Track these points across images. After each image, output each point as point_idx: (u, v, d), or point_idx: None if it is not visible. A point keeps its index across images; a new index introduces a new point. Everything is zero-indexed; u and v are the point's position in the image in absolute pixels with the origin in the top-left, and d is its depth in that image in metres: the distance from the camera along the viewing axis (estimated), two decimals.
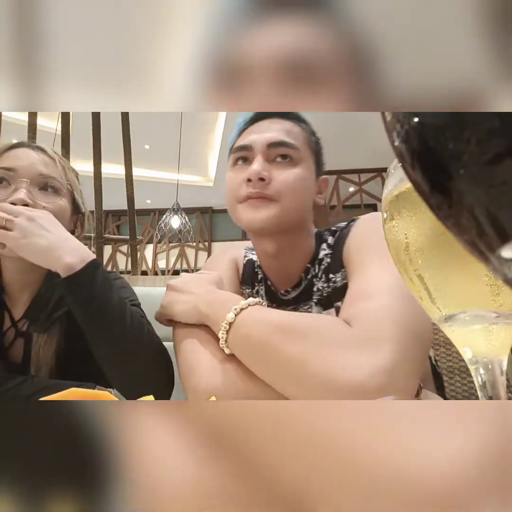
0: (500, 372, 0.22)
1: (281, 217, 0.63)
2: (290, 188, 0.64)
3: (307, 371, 0.45)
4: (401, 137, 0.12)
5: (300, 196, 0.65)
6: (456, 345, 0.24)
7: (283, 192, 0.63)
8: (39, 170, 0.73)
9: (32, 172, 0.72)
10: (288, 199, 0.63)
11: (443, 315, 0.24)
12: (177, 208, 5.12)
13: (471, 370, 0.23)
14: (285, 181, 0.64)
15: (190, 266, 7.09)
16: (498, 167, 0.09)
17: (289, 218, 0.64)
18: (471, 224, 0.11)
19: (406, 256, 0.25)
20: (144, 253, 7.11)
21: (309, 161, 0.68)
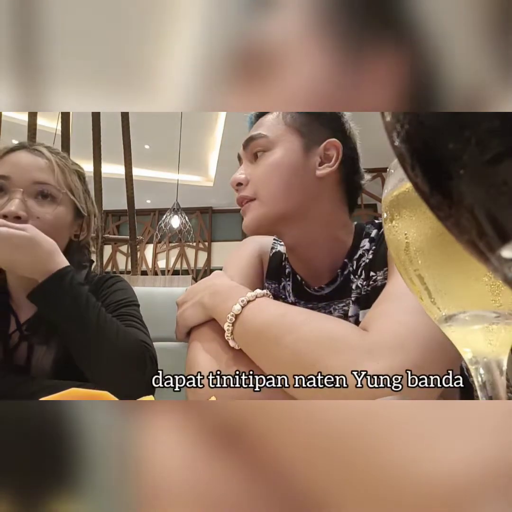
0: (500, 372, 0.22)
1: (264, 213, 0.62)
2: (262, 180, 0.62)
3: (315, 371, 0.43)
4: (401, 137, 0.12)
5: (276, 184, 0.61)
6: (456, 345, 0.24)
7: (258, 187, 0.62)
8: (34, 178, 0.71)
9: (26, 180, 0.70)
10: (264, 192, 0.62)
11: (443, 315, 0.24)
12: (177, 208, 5.12)
13: (471, 370, 0.23)
14: (257, 176, 0.63)
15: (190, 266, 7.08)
16: (498, 167, 0.09)
17: (273, 210, 0.61)
18: (471, 224, 0.11)
19: (406, 256, 0.25)
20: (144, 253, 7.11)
21: (288, 140, 0.63)
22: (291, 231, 0.65)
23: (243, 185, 0.64)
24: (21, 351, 0.73)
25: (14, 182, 0.69)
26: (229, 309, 0.53)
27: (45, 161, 0.74)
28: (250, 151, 0.65)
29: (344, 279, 0.66)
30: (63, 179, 0.75)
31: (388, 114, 0.12)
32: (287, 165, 0.62)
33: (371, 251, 0.64)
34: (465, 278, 0.22)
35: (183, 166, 5.67)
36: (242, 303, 0.52)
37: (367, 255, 0.64)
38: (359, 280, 0.63)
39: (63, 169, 0.76)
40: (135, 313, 0.77)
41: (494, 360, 0.22)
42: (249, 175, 0.64)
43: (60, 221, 0.74)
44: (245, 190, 0.64)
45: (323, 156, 0.64)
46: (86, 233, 0.83)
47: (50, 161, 0.74)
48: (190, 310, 0.61)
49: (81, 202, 0.79)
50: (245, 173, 0.65)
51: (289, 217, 0.62)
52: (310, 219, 0.64)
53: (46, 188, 0.72)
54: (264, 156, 0.63)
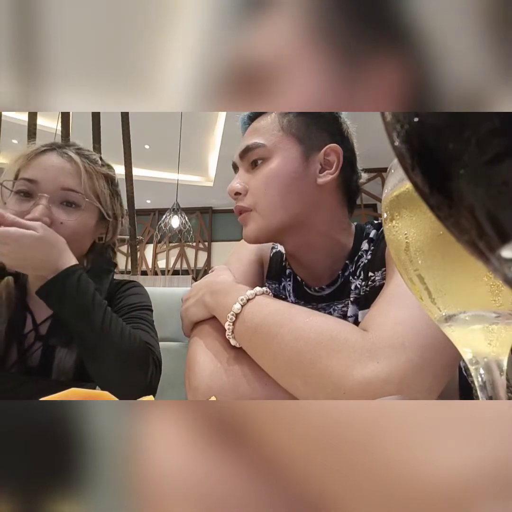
0: (500, 372, 0.22)
1: (264, 224, 0.61)
2: (260, 190, 0.61)
3: (315, 369, 0.44)
4: (401, 137, 0.12)
5: (274, 194, 0.60)
6: (456, 345, 0.24)
7: (256, 198, 0.61)
8: (61, 184, 0.72)
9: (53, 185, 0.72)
10: (262, 203, 0.61)
11: (443, 315, 0.24)
12: (177, 208, 5.13)
13: (471, 370, 0.23)
14: (255, 186, 0.62)
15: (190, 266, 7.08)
16: (498, 167, 0.09)
17: (273, 220, 0.60)
18: (471, 224, 0.11)
19: (406, 256, 0.25)
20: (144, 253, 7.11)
21: (286, 148, 0.61)
22: (291, 239, 0.64)
23: (241, 195, 0.63)
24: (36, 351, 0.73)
25: (41, 187, 0.71)
26: (229, 308, 0.53)
27: (74, 166, 0.75)
28: (247, 160, 0.64)
29: (344, 280, 0.66)
30: (90, 185, 0.76)
31: (388, 114, 0.13)
32: (286, 174, 0.60)
33: (369, 252, 0.64)
34: (465, 278, 0.22)
35: (183, 166, 5.67)
36: (242, 302, 0.53)
37: (366, 256, 0.64)
38: (358, 281, 0.63)
39: (91, 174, 0.77)
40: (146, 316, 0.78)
41: (494, 360, 0.22)
42: (247, 185, 0.63)
43: (83, 226, 0.75)
44: (243, 201, 0.63)
45: (323, 163, 0.62)
46: (112, 235, 0.84)
47: (78, 166, 0.75)
48: (192, 307, 0.62)
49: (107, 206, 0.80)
50: (243, 182, 0.63)
51: (288, 227, 0.62)
52: (310, 226, 0.63)
53: (72, 196, 0.73)
54: (262, 166, 0.62)
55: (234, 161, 0.67)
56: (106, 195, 0.80)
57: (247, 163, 0.64)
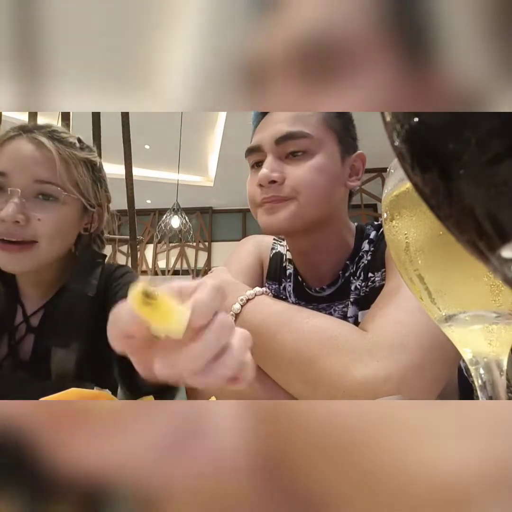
0: (500, 372, 0.22)
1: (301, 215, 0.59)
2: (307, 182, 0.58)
3: (314, 369, 0.44)
4: (401, 137, 0.12)
5: (320, 188, 0.59)
6: (456, 345, 0.24)
7: (299, 188, 0.59)
8: (33, 175, 0.63)
9: (25, 178, 0.63)
10: (306, 195, 0.58)
11: (443, 315, 0.24)
12: (177, 208, 5.12)
13: (471, 370, 0.23)
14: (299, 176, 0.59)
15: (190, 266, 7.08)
16: (498, 167, 0.09)
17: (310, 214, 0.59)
18: (471, 224, 0.11)
19: (406, 256, 0.25)
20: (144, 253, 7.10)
21: (329, 144, 0.61)
22: (309, 236, 0.63)
23: (276, 183, 0.59)
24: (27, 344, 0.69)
25: (12, 181, 0.63)
26: (229, 308, 0.53)
27: (47, 154, 0.65)
28: (284, 148, 0.60)
29: (345, 281, 0.66)
30: (67, 174, 0.67)
31: (388, 114, 0.12)
32: (332, 171, 0.60)
33: (369, 253, 0.64)
34: (465, 278, 0.22)
35: (183, 166, 5.67)
36: (241, 302, 0.53)
37: (366, 257, 0.64)
38: (358, 281, 0.64)
39: (68, 161, 0.67)
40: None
41: (494, 360, 0.22)
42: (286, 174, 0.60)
43: (64, 221, 0.67)
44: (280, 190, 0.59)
45: (351, 167, 0.64)
46: (98, 225, 0.75)
47: (51, 153, 0.65)
48: None
49: (89, 196, 0.71)
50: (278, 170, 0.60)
51: (317, 223, 0.61)
52: (331, 225, 0.64)
53: (47, 188, 0.65)
54: (305, 157, 0.59)
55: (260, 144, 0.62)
56: (87, 184, 0.70)
57: (284, 151, 0.60)
